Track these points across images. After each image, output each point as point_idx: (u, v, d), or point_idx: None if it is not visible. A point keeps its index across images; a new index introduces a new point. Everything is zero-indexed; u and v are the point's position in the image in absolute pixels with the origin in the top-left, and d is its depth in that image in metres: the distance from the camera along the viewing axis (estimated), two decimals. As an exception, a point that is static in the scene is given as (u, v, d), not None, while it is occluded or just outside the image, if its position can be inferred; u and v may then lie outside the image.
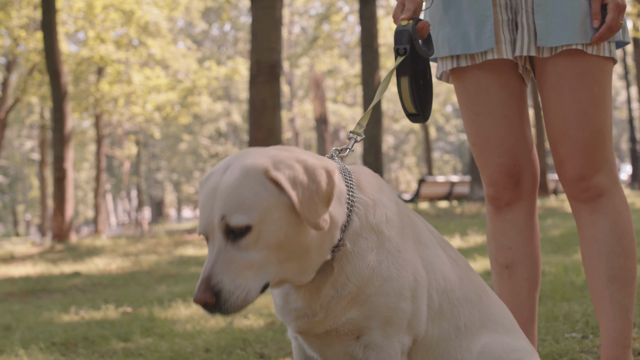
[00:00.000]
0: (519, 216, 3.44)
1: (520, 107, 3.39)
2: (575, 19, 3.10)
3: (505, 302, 3.43)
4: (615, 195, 3.26)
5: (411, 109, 3.17)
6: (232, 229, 2.11)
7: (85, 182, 69.47)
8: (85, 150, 60.19)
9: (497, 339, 2.60)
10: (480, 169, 3.46)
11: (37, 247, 19.57)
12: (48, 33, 21.24)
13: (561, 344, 4.47)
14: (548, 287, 6.60)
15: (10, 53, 35.00)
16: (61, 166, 20.84)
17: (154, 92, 36.02)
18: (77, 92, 36.15)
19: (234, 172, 2.16)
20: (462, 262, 2.70)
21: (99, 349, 5.64)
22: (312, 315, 2.36)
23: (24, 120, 49.49)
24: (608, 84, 3.24)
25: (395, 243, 2.37)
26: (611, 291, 3.24)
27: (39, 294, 10.19)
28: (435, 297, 2.49)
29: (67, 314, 7.55)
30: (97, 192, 41.10)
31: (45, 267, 13.75)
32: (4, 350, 5.65)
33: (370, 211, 2.36)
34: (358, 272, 2.30)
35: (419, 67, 3.16)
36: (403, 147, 77.21)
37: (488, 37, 3.21)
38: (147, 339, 5.82)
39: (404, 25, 3.14)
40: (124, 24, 33.75)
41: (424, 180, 32.41)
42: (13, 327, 6.91)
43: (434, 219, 18.87)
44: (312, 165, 2.16)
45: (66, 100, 21.43)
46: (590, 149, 3.20)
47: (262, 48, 16.08)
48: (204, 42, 66.37)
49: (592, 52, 3.13)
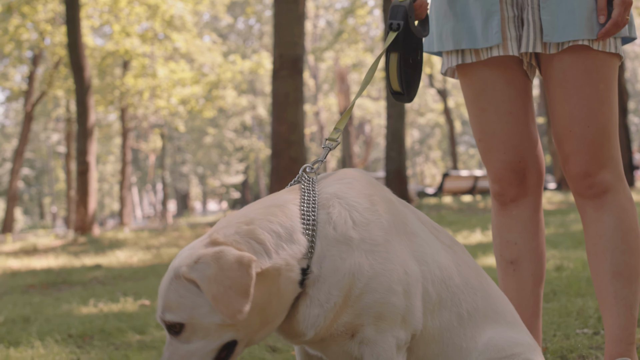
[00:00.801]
0: (524, 212, 3.44)
1: (526, 104, 3.39)
2: (582, 15, 3.10)
3: (510, 297, 3.43)
4: (621, 191, 3.26)
5: (396, 86, 3.16)
6: (169, 326, 2.32)
7: (111, 175, 69.77)
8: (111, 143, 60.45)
9: (500, 331, 2.60)
10: (486, 165, 3.46)
11: (60, 240, 19.68)
12: (72, 27, 21.34)
13: (571, 339, 4.46)
14: (564, 282, 6.58)
15: (36, 47, 35.21)
16: (84, 159, 20.94)
17: (179, 86, 36.15)
18: (102, 85, 36.34)
19: (167, 275, 2.35)
20: (459, 248, 2.70)
21: (114, 341, 5.69)
22: (302, 336, 2.42)
23: (50, 113, 49.77)
24: (614, 81, 3.22)
25: (370, 240, 2.40)
26: (615, 288, 3.24)
27: (60, 286, 10.26)
28: (432, 289, 2.49)
29: (86, 306, 7.61)
30: (123, 185, 41.30)
31: (67, 260, 13.85)
32: (20, 342, 5.71)
33: (329, 227, 2.41)
34: (338, 284, 2.36)
35: (410, 45, 3.15)
36: (428, 140, 77.03)
37: (495, 33, 3.21)
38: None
39: (401, 1, 3.13)
40: (149, 18, 33.86)
41: (447, 174, 32.34)
42: (32, 319, 6.97)
43: (457, 214, 18.84)
44: (225, 262, 2.24)
45: (89, 94, 21.52)
46: (595, 146, 3.19)
47: (285, 42, 16.12)
48: (230, 36, 66.43)
49: (598, 48, 3.13)
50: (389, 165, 24.48)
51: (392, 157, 24.24)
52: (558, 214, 15.95)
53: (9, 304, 8.22)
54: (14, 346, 5.57)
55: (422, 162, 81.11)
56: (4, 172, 65.84)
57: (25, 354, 5.21)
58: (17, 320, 6.95)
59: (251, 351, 4.83)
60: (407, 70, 3.16)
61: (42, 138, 64.26)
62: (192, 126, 61.34)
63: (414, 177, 79.74)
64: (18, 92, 41.10)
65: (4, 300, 8.71)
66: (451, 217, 17.58)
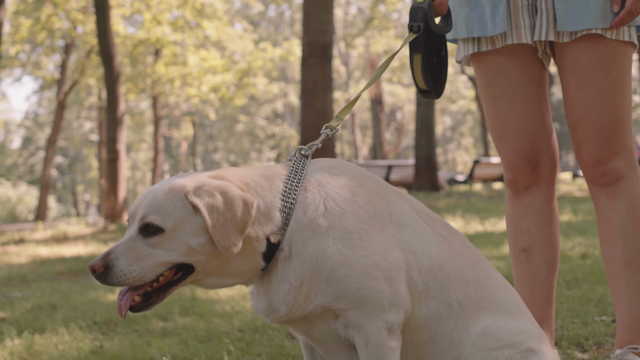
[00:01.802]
0: (537, 200, 3.44)
1: (540, 92, 3.39)
2: (596, 4, 3.09)
3: (522, 285, 3.45)
4: (633, 179, 3.25)
5: (422, 85, 3.20)
6: (146, 225, 2.41)
7: (143, 163, 70.25)
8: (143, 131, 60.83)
9: (499, 320, 2.60)
10: (499, 152, 3.47)
11: (90, 228, 19.82)
12: (101, 16, 21.42)
13: (589, 327, 4.47)
14: (587, 269, 6.57)
15: (68, 35, 35.46)
16: (114, 148, 21.03)
17: (210, 74, 36.26)
18: (134, 73, 36.54)
19: (164, 185, 2.47)
20: (457, 239, 2.71)
21: (138, 327, 5.76)
22: (276, 311, 2.50)
23: (83, 101, 50.13)
24: (627, 69, 3.22)
25: (341, 228, 2.47)
26: (627, 275, 3.24)
27: (88, 273, 10.35)
28: (418, 278, 2.53)
29: (112, 294, 7.68)
30: (155, 173, 41.61)
31: (97, 247, 13.95)
32: (45, 329, 5.78)
33: (301, 211, 2.50)
34: (302, 265, 2.45)
35: (433, 44, 3.17)
36: (460, 127, 76.80)
37: (501, 21, 3.21)
38: (185, 319, 5.92)
39: (420, 2, 3.15)
40: (179, 6, 33.98)
41: (478, 161, 32.22)
42: (58, 306, 7.05)
43: (487, 201, 18.79)
44: (232, 196, 2.40)
45: (119, 82, 21.62)
46: (608, 133, 3.19)
47: (313, 30, 16.10)
48: (261, 23, 66.51)
49: (612, 37, 3.12)
50: (419, 153, 24.48)
51: (421, 145, 24.24)
52: (588, 201, 15.85)
53: (37, 291, 8.31)
54: (39, 332, 5.65)
55: (454, 149, 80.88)
56: (38, 160, 66.43)
57: (50, 341, 5.29)
58: (44, 307, 7.03)
59: (270, 339, 4.86)
60: (431, 69, 3.19)
61: (74, 126, 64.80)
62: (224, 114, 61.55)
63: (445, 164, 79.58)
64: (51, 80, 41.50)
65: (33, 287, 8.81)
66: (480, 204, 17.53)
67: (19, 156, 70.89)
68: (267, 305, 2.51)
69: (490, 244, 9.45)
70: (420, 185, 24.05)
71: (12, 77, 47.63)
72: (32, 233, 19.06)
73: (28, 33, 33.55)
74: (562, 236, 9.59)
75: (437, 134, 61.02)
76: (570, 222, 11.80)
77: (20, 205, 58.32)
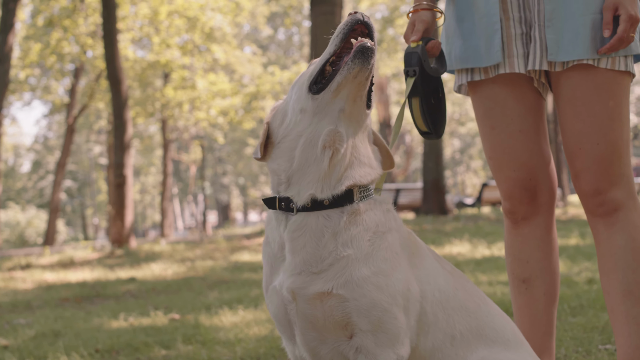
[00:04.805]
0: (535, 230, 3.43)
1: (537, 121, 3.37)
2: (586, 34, 3.08)
3: (522, 316, 3.43)
4: (632, 209, 3.22)
5: (423, 127, 3.21)
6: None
7: (152, 186, 70.34)
8: (152, 155, 60.92)
9: (495, 352, 2.60)
10: (497, 182, 3.45)
11: (97, 253, 19.83)
12: (109, 41, 21.51)
13: (592, 356, 4.44)
14: (593, 296, 6.54)
15: (77, 60, 35.58)
16: (121, 172, 21.05)
17: (218, 97, 36.30)
18: (143, 97, 36.64)
19: None
20: (458, 274, 2.74)
21: (140, 356, 5.73)
22: (310, 264, 2.46)
23: (92, 125, 50.27)
24: (625, 98, 3.20)
25: (395, 245, 2.50)
26: (627, 307, 3.21)
27: (93, 299, 10.33)
28: (429, 310, 2.53)
29: (116, 320, 7.66)
30: (164, 197, 41.63)
31: (103, 273, 13.94)
32: (47, 357, 5.76)
33: (383, 205, 2.59)
34: (359, 241, 2.45)
35: (430, 86, 3.18)
36: (469, 150, 76.73)
37: (496, 52, 3.22)
38: (188, 347, 5.89)
39: (414, 47, 3.17)
40: (188, 30, 34.11)
41: (486, 184, 32.14)
42: (62, 333, 7.03)
43: (494, 224, 18.71)
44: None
45: (127, 107, 21.67)
46: (605, 163, 3.17)
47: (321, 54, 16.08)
48: (270, 47, 66.67)
49: (607, 66, 3.11)
50: (427, 176, 24.47)
51: (429, 168, 24.23)
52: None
53: (41, 318, 8.29)
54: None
55: (462, 172, 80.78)
56: (47, 184, 66.52)
57: (50, 370, 5.27)
58: (47, 335, 7.01)
59: None
60: (430, 111, 3.19)
61: (84, 150, 64.93)
62: (233, 137, 61.62)
63: (454, 187, 79.45)
64: (60, 104, 41.61)
65: (37, 314, 8.79)
66: (488, 227, 17.48)
67: (29, 180, 71.02)
68: (304, 259, 2.48)
69: (496, 269, 9.40)
70: (428, 209, 24.02)
71: (22, 101, 47.78)
72: (38, 258, 19.05)
73: (38, 57, 33.69)
74: (569, 260, 9.55)
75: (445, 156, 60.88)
76: (577, 246, 11.74)
77: (30, 229, 58.33)
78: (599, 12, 3.08)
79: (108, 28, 21.52)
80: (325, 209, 2.47)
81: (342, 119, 2.46)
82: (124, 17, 30.87)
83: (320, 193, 2.46)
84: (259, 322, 6.82)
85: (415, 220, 21.67)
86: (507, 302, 6.28)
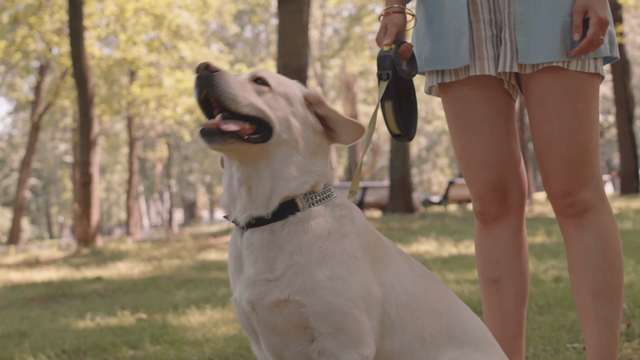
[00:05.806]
0: (505, 231, 3.44)
1: (507, 123, 3.39)
2: (556, 37, 3.09)
3: (492, 316, 3.44)
4: (602, 210, 3.24)
5: (396, 130, 3.22)
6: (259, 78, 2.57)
7: (118, 184, 69.94)
8: (118, 152, 60.57)
9: (466, 353, 2.61)
10: (468, 183, 3.46)
11: (62, 251, 19.68)
12: (75, 39, 21.36)
13: (561, 354, 4.46)
14: (560, 294, 6.57)
15: (43, 57, 35.30)
16: (87, 171, 20.90)
17: (185, 95, 36.13)
18: (109, 94, 36.42)
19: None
20: (429, 276, 2.74)
21: (107, 356, 5.70)
22: (264, 275, 2.47)
23: (57, 123, 49.89)
24: (594, 100, 3.21)
25: (352, 249, 2.50)
26: (596, 307, 3.23)
27: (59, 299, 10.26)
28: (394, 313, 2.52)
29: (83, 321, 7.62)
30: (130, 195, 41.39)
31: (69, 272, 13.85)
32: (13, 358, 5.72)
33: (337, 210, 2.57)
34: (308, 248, 2.46)
35: (402, 89, 3.18)
36: (435, 148, 76.99)
37: (464, 54, 3.22)
38: (156, 347, 5.86)
39: (387, 51, 3.17)
40: (155, 28, 33.93)
41: (453, 182, 32.28)
42: (28, 334, 6.98)
43: (461, 222, 18.78)
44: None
45: (93, 105, 21.54)
46: (575, 165, 3.18)
47: (288, 52, 16.03)
48: (237, 45, 66.48)
49: (576, 69, 3.12)
50: (393, 174, 24.50)
51: (396, 166, 24.26)
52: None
53: (7, 318, 8.23)
54: (6, 362, 5.58)
55: (429, 170, 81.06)
56: (12, 182, 65.99)
57: (16, 371, 5.22)
58: (13, 335, 6.96)
59: None
60: (402, 114, 3.20)
61: (49, 148, 64.43)
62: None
63: (421, 185, 79.69)
64: (25, 102, 41.26)
65: (2, 314, 8.73)
66: (455, 226, 17.54)
67: (-7, 178, 70.47)
68: (258, 271, 2.50)
69: (464, 267, 9.44)
70: (395, 207, 24.08)
71: (-14, 98, 47.44)
72: (3, 257, 18.91)
73: (2, 54, 33.35)
74: (536, 259, 9.60)
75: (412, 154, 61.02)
76: (544, 244, 11.81)
77: (-7, 227, 57.90)
78: (568, 15, 3.09)
79: (74, 25, 21.38)
80: (268, 223, 2.50)
81: (245, 162, 2.51)
82: (90, 14, 30.61)
83: (256, 212, 2.50)
84: (227, 321, 6.80)
85: (382, 219, 21.71)
86: (475, 300, 6.31)
